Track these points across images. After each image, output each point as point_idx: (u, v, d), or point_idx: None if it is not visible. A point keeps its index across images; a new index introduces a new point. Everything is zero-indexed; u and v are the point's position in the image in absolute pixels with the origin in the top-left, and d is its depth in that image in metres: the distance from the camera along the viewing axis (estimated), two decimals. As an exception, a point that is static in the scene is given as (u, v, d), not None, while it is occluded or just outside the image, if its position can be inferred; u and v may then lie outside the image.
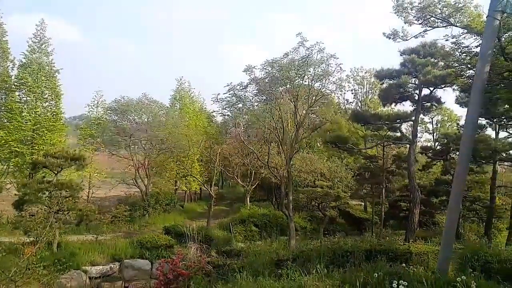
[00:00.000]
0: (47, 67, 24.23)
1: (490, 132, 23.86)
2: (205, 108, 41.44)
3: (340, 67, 17.90)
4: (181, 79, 38.88)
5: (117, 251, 16.01)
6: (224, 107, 21.02)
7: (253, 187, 29.98)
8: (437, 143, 31.96)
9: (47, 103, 24.59)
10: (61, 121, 25.37)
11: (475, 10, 10.93)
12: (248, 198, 29.90)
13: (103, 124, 28.14)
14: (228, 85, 19.66)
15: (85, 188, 23.42)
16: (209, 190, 25.68)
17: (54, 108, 24.81)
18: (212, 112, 37.91)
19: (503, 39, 9.25)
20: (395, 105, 23.52)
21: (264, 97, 20.18)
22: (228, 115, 22.37)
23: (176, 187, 34.12)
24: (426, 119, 39.19)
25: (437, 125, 40.58)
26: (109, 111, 29.08)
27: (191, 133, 27.31)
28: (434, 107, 22.40)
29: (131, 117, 29.52)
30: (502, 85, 10.07)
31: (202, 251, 14.27)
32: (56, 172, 15.95)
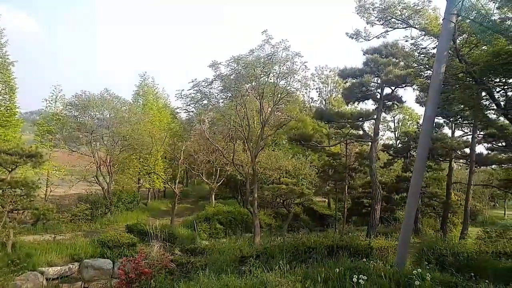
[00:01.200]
0: (0, 59, 22.90)
1: (447, 130, 25.00)
2: (169, 104, 40.79)
3: (305, 66, 18.05)
4: (144, 75, 38.06)
5: (76, 250, 15.39)
6: (189, 103, 20.63)
7: (219, 184, 29.85)
8: (398, 141, 33.03)
9: (0, 97, 23.24)
10: (16, 116, 24.07)
11: (433, 12, 11.35)
12: (213, 196, 29.72)
13: (63, 119, 27.00)
14: (192, 81, 19.35)
15: (43, 186, 22.53)
16: (173, 187, 25.29)
17: (8, 103, 23.48)
18: (176, 109, 37.40)
19: (458, 41, 9.61)
20: (358, 104, 24.16)
21: (230, 94, 20.01)
22: (192, 111, 22.02)
23: (139, 184, 33.39)
24: (388, 117, 40.50)
25: (398, 123, 41.92)
26: (69, 107, 27.88)
27: (154, 129, 26.73)
28: (395, 106, 23.15)
29: (92, 113, 28.45)
30: (457, 86, 10.45)
31: (166, 249, 14.02)
32: (10, 170, 15.11)
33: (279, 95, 18.92)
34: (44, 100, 27.12)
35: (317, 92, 42.36)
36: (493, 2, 7.87)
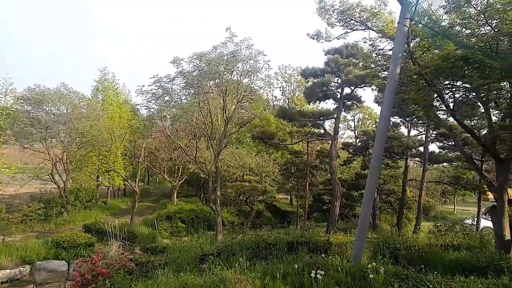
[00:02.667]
0: None
1: (403, 130, 26.09)
2: (130, 100, 39.78)
3: (268, 64, 18.17)
4: (104, 70, 36.91)
5: (28, 252, 14.57)
6: (150, 99, 20.17)
7: (181, 182, 29.54)
8: (357, 140, 34.04)
9: None
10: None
11: (389, 16, 11.80)
12: (175, 194, 29.36)
13: (14, 114, 25.60)
14: (153, 77, 18.98)
15: None
16: (133, 186, 24.74)
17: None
18: (137, 105, 36.57)
19: (412, 44, 10.05)
20: (319, 103, 24.66)
21: (193, 91, 19.80)
22: (153, 108, 21.59)
23: (98, 182, 32.35)
24: (349, 116, 41.59)
25: (358, 122, 43.11)
26: (20, 101, 26.46)
27: (114, 126, 25.92)
28: (355, 105, 23.85)
29: (47, 108, 27.18)
30: (411, 87, 10.93)
31: (125, 248, 13.73)
32: (-47, 167, 14.19)
33: (242, 93, 18.95)
34: (-9, 93, 25.59)
35: (280, 90, 42.84)
36: (443, 8, 8.29)
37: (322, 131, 24.60)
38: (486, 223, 19.68)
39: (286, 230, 14.77)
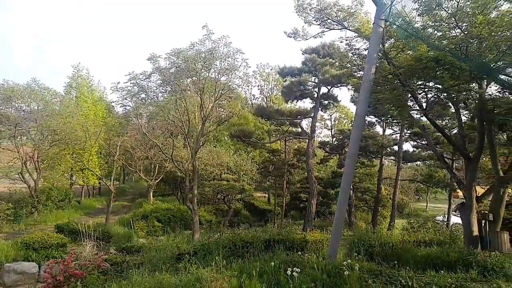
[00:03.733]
0: None
1: (379, 129, 26.61)
2: (105, 97, 38.96)
3: (246, 63, 18.15)
4: (78, 65, 35.95)
5: (-5, 254, 14.16)
6: (125, 97, 19.79)
7: (157, 181, 29.16)
8: (334, 139, 34.45)
9: None
10: None
11: (365, 16, 12.01)
12: (151, 193, 28.97)
13: (-21, 111, 24.60)
14: (129, 74, 18.64)
15: None
16: (108, 185, 24.26)
17: None
18: (112, 102, 35.86)
19: (387, 45, 10.25)
20: (296, 102, 24.85)
21: (169, 88, 19.56)
22: (129, 105, 21.22)
23: (72, 181, 31.55)
24: (325, 116, 42.02)
25: (334, 122, 43.59)
26: (-13, 97, 25.48)
27: (89, 123, 25.33)
28: (331, 104, 24.16)
29: (17, 105, 26.32)
30: (386, 86, 11.15)
31: (100, 248, 13.48)
32: None
33: (220, 91, 18.87)
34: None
35: (258, 89, 42.90)
36: (416, 11, 8.49)
37: (299, 130, 24.80)
38: (456, 219, 20.37)
39: (263, 229, 14.82)
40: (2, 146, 24.25)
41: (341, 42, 13.19)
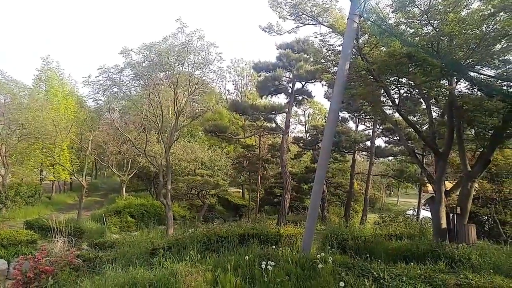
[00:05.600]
0: None
1: (352, 125, 27.03)
2: (76, 91, 37.80)
3: (220, 56, 18.02)
4: (47, 58, 34.66)
5: (-38, 251, 13.69)
6: (97, 91, 19.33)
7: (130, 176, 28.67)
8: (308, 134, 34.77)
9: None
10: None
11: (339, 12, 12.06)
12: (124, 188, 28.47)
13: None
14: (100, 67, 18.15)
15: None
16: (80, 180, 23.65)
17: None
18: (84, 96, 34.81)
19: (361, 40, 10.34)
20: (271, 97, 24.91)
21: (142, 82, 19.19)
22: (101, 100, 20.72)
23: (42, 176, 30.59)
24: (300, 111, 42.30)
25: (308, 117, 43.97)
26: (-50, 89, 24.34)
27: (59, 117, 24.54)
28: (305, 100, 24.34)
29: (-18, 97, 25.27)
30: (360, 82, 11.28)
31: (72, 244, 13.20)
32: None
33: (194, 86, 18.65)
34: None
35: (233, 84, 42.68)
36: (390, 7, 8.60)
37: (274, 125, 24.88)
38: (425, 213, 20.97)
39: (238, 223, 14.82)
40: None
41: (316, 37, 13.19)
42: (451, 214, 10.13)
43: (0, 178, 23.69)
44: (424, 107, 12.64)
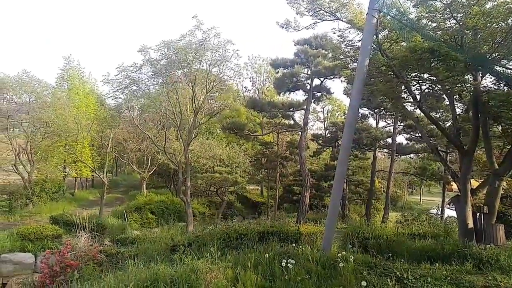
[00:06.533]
0: None
1: (372, 121, 26.64)
2: (96, 89, 38.52)
3: (237, 53, 17.96)
4: (69, 57, 35.39)
5: (-8, 245, 14.20)
6: (116, 89, 19.61)
7: (150, 173, 29.02)
8: (327, 131, 34.46)
9: None
10: None
11: (358, 7, 11.82)
12: (144, 185, 28.87)
13: (-28, 103, 24.33)
14: (119, 66, 18.38)
15: None
16: (101, 177, 24.13)
17: None
18: (104, 95, 35.45)
19: (380, 36, 10.13)
20: (289, 94, 24.75)
21: (161, 80, 19.35)
22: (121, 98, 21.07)
23: (65, 173, 31.37)
24: (318, 108, 41.94)
25: (327, 114, 43.55)
26: (-22, 88, 25.21)
27: (80, 115, 25.11)
28: (324, 97, 24.08)
29: (8, 96, 26.04)
30: (380, 78, 11.07)
31: (95, 240, 13.47)
32: None
33: (212, 83, 18.68)
34: None
35: (250, 81, 42.67)
36: (410, 1, 8.40)
37: (292, 122, 24.73)
38: (450, 212, 20.50)
39: (257, 221, 14.79)
40: (-5, 138, 24.12)
41: (334, 33, 12.96)
42: (478, 214, 9.86)
43: (26, 175, 24.46)
44: (447, 103, 12.34)
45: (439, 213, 21.95)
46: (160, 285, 6.14)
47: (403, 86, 10.69)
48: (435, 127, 12.59)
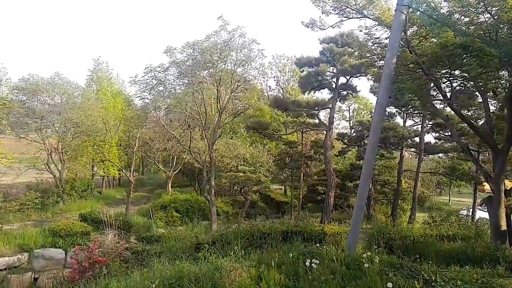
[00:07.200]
0: None
1: (399, 120, 26.03)
2: (124, 90, 39.42)
3: (262, 53, 17.97)
4: (98, 59, 36.46)
5: (25, 240, 14.77)
6: (143, 90, 20.01)
7: (175, 172, 29.41)
8: (352, 130, 33.95)
9: None
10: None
11: (385, 4, 11.54)
12: (169, 184, 29.26)
13: (9, 104, 25.28)
14: (147, 67, 18.73)
15: None
16: (128, 175, 24.64)
17: None
18: (131, 95, 36.31)
19: (409, 32, 9.87)
20: (314, 93, 24.49)
21: (186, 80, 19.58)
22: (148, 98, 21.50)
23: (94, 172, 32.23)
24: (344, 107, 41.40)
25: (353, 113, 42.94)
26: (15, 91, 26.24)
27: (108, 116, 25.76)
28: (350, 95, 23.72)
29: (42, 98, 27.01)
30: (408, 76, 10.80)
31: (121, 237, 13.82)
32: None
33: (236, 83, 18.77)
34: (-14, 83, 25.30)
35: (274, 80, 42.55)
36: (442, -4, 8.15)
37: (316, 121, 24.49)
38: (481, 214, 19.80)
39: (280, 220, 14.74)
40: (29, 138, 25.02)
41: (360, 31, 12.73)
42: (512, 215, 9.50)
43: (57, 173, 25.30)
44: (480, 100, 11.89)
45: (470, 214, 21.24)
46: (184, 283, 6.18)
47: (432, 84, 10.40)
48: (466, 125, 12.16)
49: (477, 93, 11.48)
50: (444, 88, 10.45)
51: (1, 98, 25.13)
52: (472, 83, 10.17)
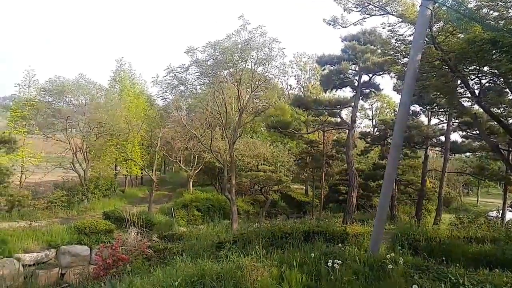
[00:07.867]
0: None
1: (423, 119, 25.42)
2: (146, 90, 40.06)
3: (283, 52, 17.90)
4: (121, 60, 37.20)
5: (53, 237, 15.24)
6: (165, 90, 20.25)
7: (196, 171, 29.68)
8: (375, 129, 33.45)
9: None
10: (-13, 101, 23.23)
11: (409, 0, 11.31)
12: (191, 183, 29.56)
13: (36, 105, 26.11)
14: (168, 67, 18.93)
15: (17, 172, 22.31)
16: (150, 174, 25.00)
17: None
18: (153, 95, 36.87)
19: (434, 28, 9.61)
20: (336, 91, 24.19)
21: (207, 80, 19.70)
22: (169, 98, 21.78)
23: (116, 171, 32.90)
24: (366, 105, 40.83)
25: (376, 111, 42.31)
26: (42, 92, 27.08)
27: (131, 116, 26.24)
28: (373, 93, 23.33)
29: (67, 99, 27.80)
30: (433, 73, 10.51)
31: (143, 235, 14.05)
32: (-18, 156, 14.65)
33: (257, 82, 18.74)
34: (16, 85, 26.21)
35: (295, 79, 42.41)
36: (470, -10, 7.88)
37: (338, 120, 24.21)
38: (512, 215, 19.13)
39: (301, 220, 14.64)
40: (56, 138, 25.76)
41: (383, 28, 12.47)
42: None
43: (82, 172, 25.96)
44: (511, 97, 11.47)
45: (500, 216, 20.54)
46: (206, 281, 6.19)
47: (459, 81, 10.09)
48: (496, 123, 11.74)
49: (507, 89, 11.06)
50: (472, 85, 10.13)
51: (30, 99, 26.00)
52: (502, 79, 9.81)
